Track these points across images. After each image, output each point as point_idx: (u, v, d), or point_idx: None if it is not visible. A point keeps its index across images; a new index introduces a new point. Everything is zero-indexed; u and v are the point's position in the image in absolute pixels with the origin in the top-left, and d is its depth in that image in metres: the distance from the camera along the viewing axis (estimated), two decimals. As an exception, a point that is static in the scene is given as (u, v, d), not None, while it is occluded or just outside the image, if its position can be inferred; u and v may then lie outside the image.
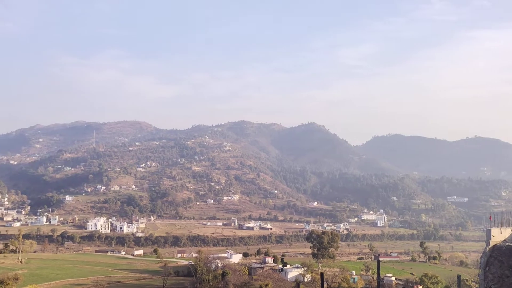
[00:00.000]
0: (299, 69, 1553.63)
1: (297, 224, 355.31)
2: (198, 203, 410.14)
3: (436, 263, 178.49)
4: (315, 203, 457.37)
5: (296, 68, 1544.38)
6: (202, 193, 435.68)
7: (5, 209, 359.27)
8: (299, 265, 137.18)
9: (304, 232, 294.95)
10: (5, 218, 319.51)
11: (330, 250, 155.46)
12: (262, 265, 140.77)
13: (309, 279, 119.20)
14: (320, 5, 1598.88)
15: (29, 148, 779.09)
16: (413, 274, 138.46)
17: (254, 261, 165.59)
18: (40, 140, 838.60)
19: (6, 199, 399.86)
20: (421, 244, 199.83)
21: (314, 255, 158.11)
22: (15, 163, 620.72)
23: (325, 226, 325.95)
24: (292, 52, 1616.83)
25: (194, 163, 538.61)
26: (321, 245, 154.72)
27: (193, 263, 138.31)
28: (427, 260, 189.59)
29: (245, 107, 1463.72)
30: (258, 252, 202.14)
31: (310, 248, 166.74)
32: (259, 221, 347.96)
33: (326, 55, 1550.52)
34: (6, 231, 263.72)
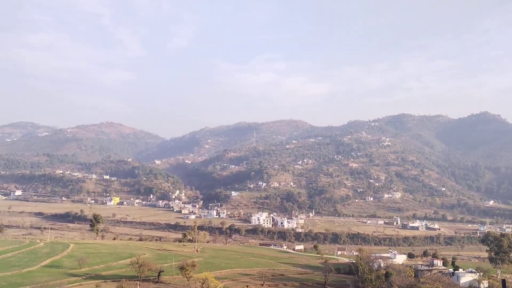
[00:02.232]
0: (465, 54, 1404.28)
1: (469, 225, 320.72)
2: (356, 200, 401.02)
3: None
4: (491, 202, 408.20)
5: (461, 53, 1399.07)
6: (361, 190, 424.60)
7: (182, 203, 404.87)
8: (474, 270, 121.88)
9: (478, 234, 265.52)
10: (183, 211, 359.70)
11: (511, 255, 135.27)
12: (430, 268, 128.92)
13: (486, 286, 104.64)
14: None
15: (200, 148, 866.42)
16: None
17: (420, 263, 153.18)
18: (209, 141, 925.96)
19: (183, 194, 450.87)
20: None
21: (491, 260, 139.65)
22: (189, 162, 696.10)
23: (504, 227, 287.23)
24: (456, 36, 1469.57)
25: (351, 159, 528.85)
26: (499, 249, 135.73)
27: (354, 261, 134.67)
28: None
29: (404, 100, 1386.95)
30: (425, 254, 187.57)
31: (486, 251, 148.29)
32: (425, 221, 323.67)
33: (500, 35, 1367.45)
34: (184, 222, 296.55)
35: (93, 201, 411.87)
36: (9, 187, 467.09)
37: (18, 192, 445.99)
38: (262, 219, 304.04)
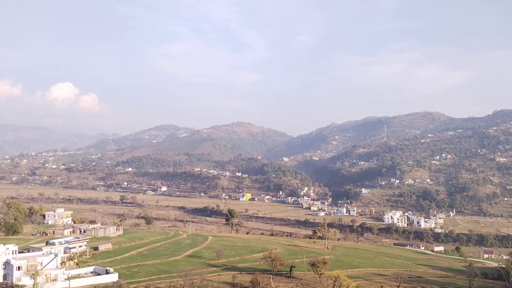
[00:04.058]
0: None
1: None
2: (505, 198, 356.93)
3: None
4: None
5: None
6: (510, 187, 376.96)
7: (311, 200, 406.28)
8: None
9: None
10: (312, 208, 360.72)
11: None
12: None
13: None
14: None
15: (327, 145, 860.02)
16: None
17: None
18: (336, 137, 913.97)
19: (311, 191, 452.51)
20: None
21: None
22: (317, 159, 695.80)
23: None
24: None
25: (499, 153, 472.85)
26: None
27: (504, 266, 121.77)
28: None
29: None
30: None
31: None
32: None
33: None
34: (314, 219, 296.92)
35: (227, 197, 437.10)
36: (156, 183, 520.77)
37: (164, 188, 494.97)
38: (396, 217, 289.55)
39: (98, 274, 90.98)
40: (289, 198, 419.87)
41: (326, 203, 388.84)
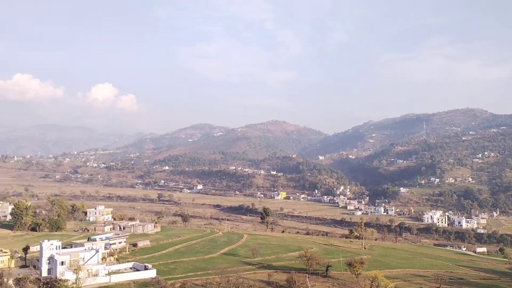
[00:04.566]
0: None
1: None
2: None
3: None
4: None
5: None
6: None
7: (347, 199, 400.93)
8: None
9: None
10: (348, 207, 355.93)
11: None
12: None
13: None
14: None
15: (364, 143, 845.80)
16: None
17: None
18: (373, 135, 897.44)
19: (348, 189, 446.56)
20: None
21: None
22: (353, 157, 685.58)
23: None
24: None
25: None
26: None
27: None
28: None
29: None
30: None
31: None
32: None
33: None
34: (350, 218, 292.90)
35: (262, 195, 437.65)
36: (192, 181, 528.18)
37: (200, 186, 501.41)
38: (435, 217, 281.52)
39: (137, 270, 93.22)
40: (325, 197, 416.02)
41: (363, 202, 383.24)
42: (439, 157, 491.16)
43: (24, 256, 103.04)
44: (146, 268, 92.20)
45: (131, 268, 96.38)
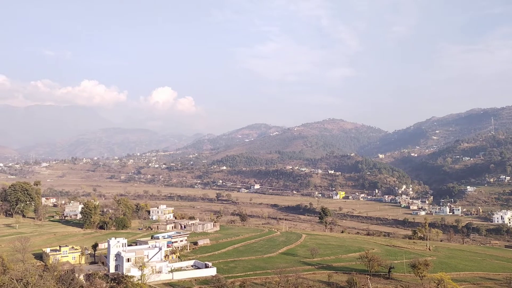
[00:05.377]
0: None
1: None
2: None
3: None
4: None
5: None
6: None
7: (410, 198, 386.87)
8: None
9: None
10: (411, 207, 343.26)
11: None
12: None
13: None
14: None
15: (427, 140, 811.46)
16: None
17: None
18: (437, 131, 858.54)
19: (410, 189, 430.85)
20: None
21: None
22: (415, 155, 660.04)
23: None
24: None
25: None
26: None
27: None
28: None
29: None
30: None
31: None
32: None
33: None
34: (413, 218, 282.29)
35: (320, 195, 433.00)
36: (249, 181, 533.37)
37: (257, 186, 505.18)
38: (507, 217, 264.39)
39: (198, 268, 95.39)
40: (386, 196, 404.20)
41: (426, 202, 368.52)
42: (510, 153, 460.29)
43: (93, 253, 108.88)
44: (206, 266, 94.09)
45: (192, 266, 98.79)
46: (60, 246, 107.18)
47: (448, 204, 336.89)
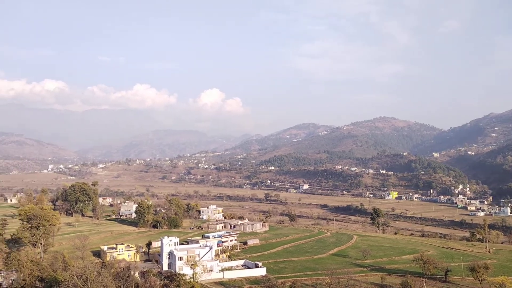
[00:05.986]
0: None
1: None
2: None
3: None
4: None
5: None
6: None
7: (467, 199, 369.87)
8: None
9: None
10: (468, 207, 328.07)
11: None
12: None
13: None
14: None
15: (485, 137, 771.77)
16: None
17: None
18: (496, 128, 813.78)
19: (467, 189, 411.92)
20: None
21: None
22: (473, 153, 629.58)
23: None
24: None
25: None
26: None
27: None
28: None
29: None
30: None
31: None
32: None
33: None
34: (471, 220, 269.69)
35: (371, 195, 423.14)
36: (298, 181, 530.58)
37: (305, 186, 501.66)
38: None
39: (248, 268, 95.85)
40: (441, 196, 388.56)
41: (485, 202, 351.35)
42: None
43: (147, 251, 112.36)
44: (256, 266, 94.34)
45: (242, 265, 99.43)
46: (116, 244, 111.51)
47: (509, 204, 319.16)
